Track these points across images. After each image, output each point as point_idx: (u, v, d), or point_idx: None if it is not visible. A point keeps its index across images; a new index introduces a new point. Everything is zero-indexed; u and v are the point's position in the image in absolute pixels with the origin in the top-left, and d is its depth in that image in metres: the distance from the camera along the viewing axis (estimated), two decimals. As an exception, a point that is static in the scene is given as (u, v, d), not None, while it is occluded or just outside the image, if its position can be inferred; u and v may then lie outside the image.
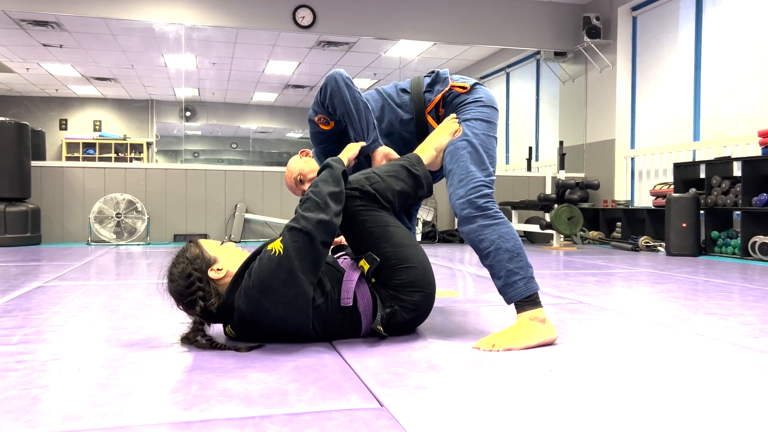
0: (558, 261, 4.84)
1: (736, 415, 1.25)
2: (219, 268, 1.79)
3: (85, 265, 4.26)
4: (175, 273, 1.79)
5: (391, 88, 2.21)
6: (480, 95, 2.11)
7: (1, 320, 2.20)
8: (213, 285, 1.78)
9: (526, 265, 1.91)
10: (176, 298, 1.80)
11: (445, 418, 1.20)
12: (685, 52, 6.54)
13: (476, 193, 1.94)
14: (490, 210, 1.94)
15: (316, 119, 2.21)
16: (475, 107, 2.08)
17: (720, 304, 2.69)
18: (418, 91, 2.15)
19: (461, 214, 1.96)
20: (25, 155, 6.26)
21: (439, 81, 2.15)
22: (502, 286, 1.91)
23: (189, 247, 1.84)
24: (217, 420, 1.18)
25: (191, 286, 1.75)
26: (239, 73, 11.13)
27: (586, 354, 1.75)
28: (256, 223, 7.15)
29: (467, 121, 2.06)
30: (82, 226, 6.66)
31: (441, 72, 2.16)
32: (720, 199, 5.40)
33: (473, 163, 1.98)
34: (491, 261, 1.91)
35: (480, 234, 1.92)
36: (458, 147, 2.01)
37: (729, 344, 1.89)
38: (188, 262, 1.78)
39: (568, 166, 7.63)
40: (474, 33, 7.70)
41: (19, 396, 1.32)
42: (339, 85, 2.06)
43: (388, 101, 2.18)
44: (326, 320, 1.79)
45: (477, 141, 2.02)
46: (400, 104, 2.16)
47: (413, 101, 2.15)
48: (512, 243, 1.91)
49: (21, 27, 8.40)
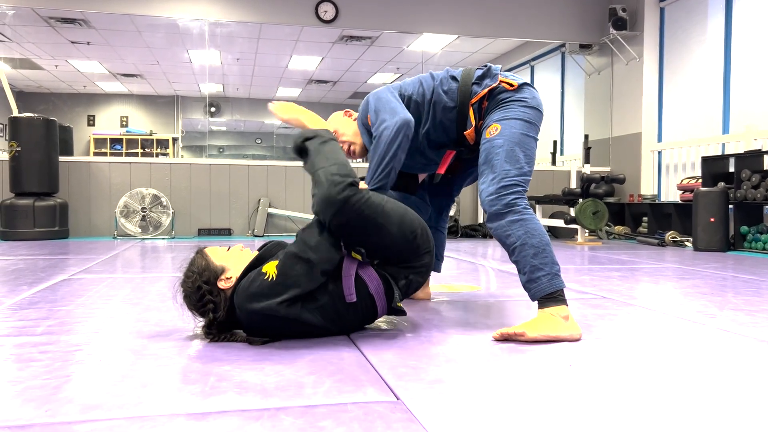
0: (582, 256, 4.78)
1: (760, 412, 1.21)
2: (228, 277, 1.79)
3: (111, 258, 4.32)
4: (186, 287, 1.80)
5: (443, 74, 2.19)
6: (525, 95, 2.09)
7: (27, 312, 2.24)
8: (223, 296, 1.78)
9: (551, 261, 1.89)
10: (192, 311, 1.82)
11: (461, 412, 1.19)
12: (715, 44, 6.40)
13: (507, 190, 1.94)
14: (518, 206, 1.93)
15: (368, 118, 2.17)
16: (517, 106, 2.07)
17: (748, 300, 2.63)
18: (467, 81, 2.13)
19: (490, 210, 1.95)
20: (53, 151, 6.37)
21: (489, 75, 2.13)
22: (526, 282, 1.90)
23: (195, 259, 1.83)
24: (233, 411, 1.19)
25: (202, 298, 1.76)
26: (263, 69, 11.19)
27: (607, 349, 1.72)
28: (279, 218, 7.19)
29: (507, 120, 2.04)
30: (109, 221, 6.76)
31: (493, 67, 2.16)
32: (750, 194, 5.28)
33: (507, 161, 1.97)
34: (517, 257, 1.91)
35: (507, 230, 1.91)
36: (494, 145, 2.01)
37: (756, 341, 1.84)
38: (197, 276, 1.78)
39: (593, 160, 7.53)
40: (498, 26, 7.63)
41: (41, 386, 1.34)
42: (399, 137, 2.01)
43: (437, 86, 2.15)
44: (337, 315, 1.78)
45: (514, 140, 2.00)
46: (447, 91, 2.14)
47: (460, 90, 2.13)
48: (538, 239, 1.89)
49: (50, 25, 8.54)
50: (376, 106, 2.11)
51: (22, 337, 1.83)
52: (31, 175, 6.18)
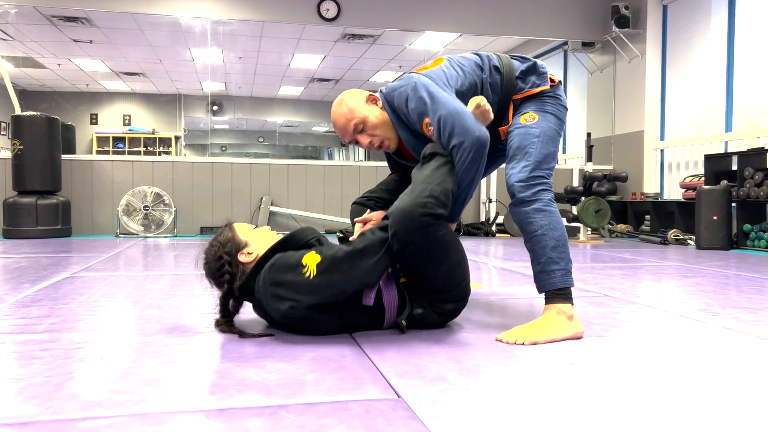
0: (585, 254, 4.77)
1: (761, 410, 1.21)
2: (249, 252, 1.86)
3: (113, 256, 4.33)
4: (209, 255, 1.88)
5: (484, 63, 2.06)
6: (561, 93, 2.10)
7: (29, 309, 2.24)
8: (242, 268, 1.85)
9: (567, 258, 1.90)
10: (209, 277, 1.89)
11: (462, 410, 1.19)
12: (718, 41, 6.38)
13: (537, 180, 1.93)
14: (545, 198, 1.93)
15: (425, 124, 1.92)
16: (555, 103, 2.06)
17: (751, 298, 2.62)
18: (511, 75, 2.04)
19: (519, 195, 1.92)
20: (56, 149, 6.38)
21: (537, 74, 2.06)
22: (539, 272, 1.90)
23: (223, 230, 1.91)
24: (234, 409, 1.19)
25: (221, 268, 1.84)
26: (265, 67, 11.19)
27: (608, 347, 1.72)
28: (281, 216, 7.19)
29: (546, 113, 2.03)
30: (111, 219, 6.77)
31: (539, 64, 2.09)
32: (753, 192, 5.26)
33: (541, 153, 1.96)
34: (534, 245, 1.90)
35: (531, 217, 1.91)
36: (531, 133, 1.98)
37: (758, 339, 1.84)
38: (220, 246, 1.87)
39: (595, 158, 7.52)
40: (500, 23, 7.62)
41: (43, 383, 1.34)
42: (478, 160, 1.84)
43: (485, 78, 2.04)
44: (348, 315, 1.78)
45: (549, 134, 2.00)
46: (492, 83, 2.05)
47: (504, 85, 2.04)
48: (559, 233, 1.90)
49: (52, 23, 8.55)
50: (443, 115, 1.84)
51: (24, 334, 1.83)
52: (33, 174, 6.19)
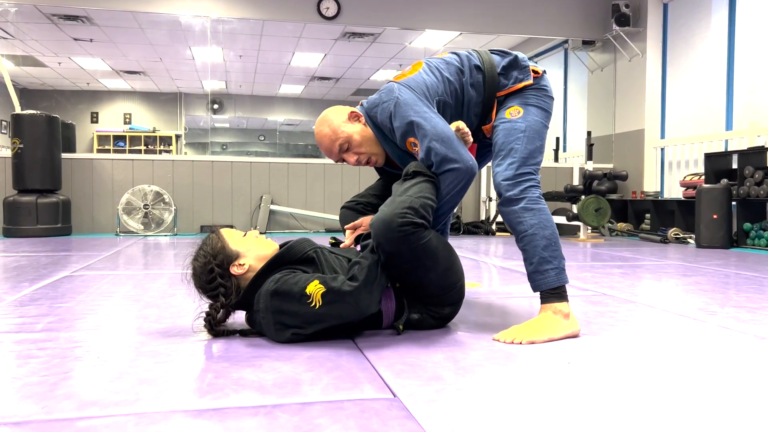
0: (584, 253, 4.77)
1: (758, 409, 1.21)
2: (241, 264, 1.77)
3: (113, 255, 4.33)
4: (198, 267, 1.77)
5: (464, 64, 2.02)
6: (546, 83, 2.05)
7: (27, 308, 2.24)
8: (235, 281, 1.77)
9: (560, 255, 1.88)
10: (199, 290, 1.80)
11: (458, 410, 1.18)
12: (718, 40, 6.37)
13: (524, 177, 1.91)
14: (533, 195, 1.91)
15: (409, 143, 1.93)
16: (540, 94, 2.02)
17: (750, 297, 2.62)
18: (492, 73, 2.00)
19: (506, 194, 1.91)
20: (56, 148, 6.38)
21: (519, 68, 2.01)
22: (532, 272, 1.89)
23: (211, 239, 1.80)
24: (229, 408, 1.19)
25: (213, 281, 1.75)
26: (265, 66, 11.18)
27: (606, 346, 1.72)
28: (281, 215, 7.19)
29: (529, 106, 1.99)
30: (111, 217, 6.77)
31: (520, 57, 2.04)
32: (753, 190, 5.26)
33: (527, 148, 1.93)
34: (526, 245, 1.89)
35: (520, 216, 1.89)
36: (516, 128, 1.95)
37: (756, 338, 1.83)
38: (210, 257, 1.75)
39: (596, 156, 7.51)
40: (501, 22, 7.61)
41: (39, 382, 1.34)
42: (466, 187, 1.90)
43: (465, 81, 2.01)
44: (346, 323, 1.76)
45: (535, 128, 1.96)
46: (474, 83, 2.01)
47: (486, 83, 2.00)
48: (550, 231, 1.88)
49: (52, 22, 8.55)
50: (432, 142, 1.85)
51: (21, 333, 1.83)
52: (33, 172, 6.19)
